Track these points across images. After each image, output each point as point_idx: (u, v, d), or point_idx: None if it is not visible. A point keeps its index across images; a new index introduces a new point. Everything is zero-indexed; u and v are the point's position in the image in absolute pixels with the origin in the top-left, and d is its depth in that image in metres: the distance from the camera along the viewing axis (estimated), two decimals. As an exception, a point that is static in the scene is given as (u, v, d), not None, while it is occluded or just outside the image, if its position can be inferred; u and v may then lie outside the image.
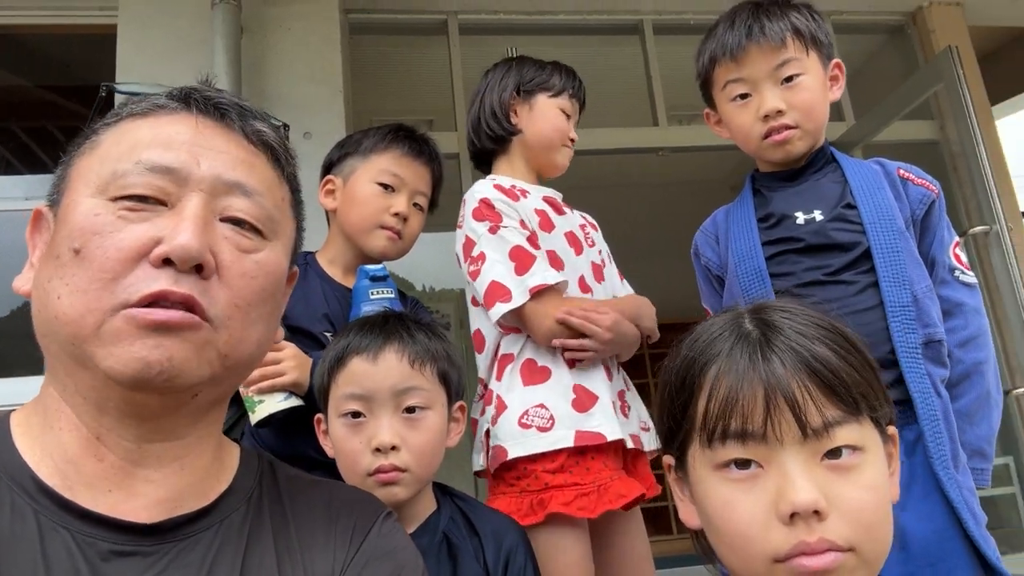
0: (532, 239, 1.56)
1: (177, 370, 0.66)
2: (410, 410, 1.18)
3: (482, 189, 1.63)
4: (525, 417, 1.48)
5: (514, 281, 1.50)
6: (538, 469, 1.45)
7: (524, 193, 1.66)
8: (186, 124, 0.73)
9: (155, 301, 0.66)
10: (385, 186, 1.65)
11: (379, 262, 1.62)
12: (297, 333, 1.48)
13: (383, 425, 1.15)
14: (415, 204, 1.69)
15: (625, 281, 1.80)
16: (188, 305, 0.67)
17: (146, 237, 0.67)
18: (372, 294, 1.50)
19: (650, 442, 1.61)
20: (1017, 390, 3.00)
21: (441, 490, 1.29)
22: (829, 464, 0.69)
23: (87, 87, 4.15)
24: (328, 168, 1.73)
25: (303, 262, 1.65)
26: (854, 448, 0.70)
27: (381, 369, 1.17)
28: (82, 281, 0.66)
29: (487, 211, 1.58)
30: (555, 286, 1.52)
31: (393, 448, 1.14)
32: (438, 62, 3.87)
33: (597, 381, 1.53)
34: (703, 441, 0.74)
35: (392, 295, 1.53)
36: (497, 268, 1.52)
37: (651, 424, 1.63)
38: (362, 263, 1.60)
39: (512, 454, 1.46)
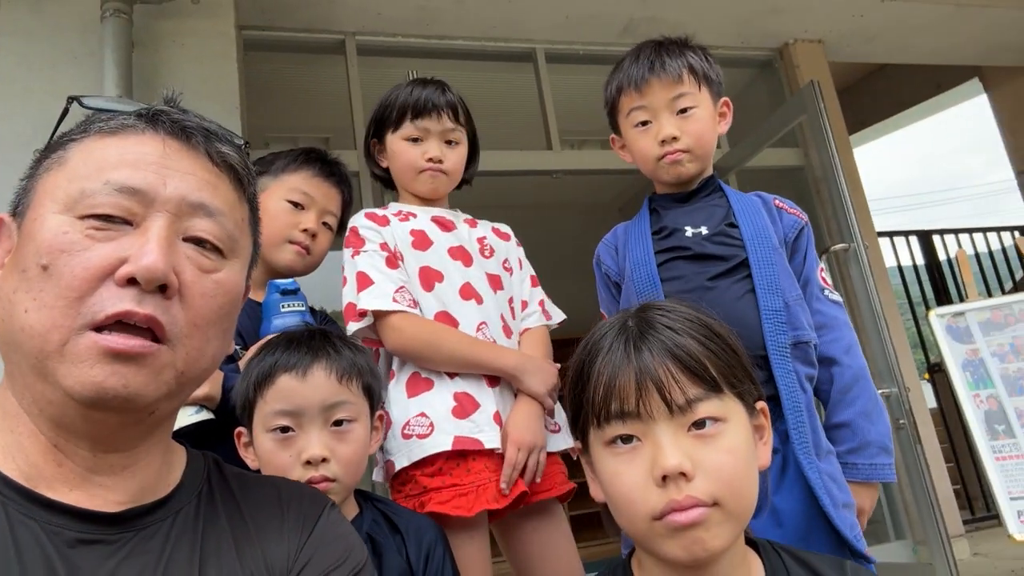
0: (391, 260, 1.66)
1: (133, 394, 0.69)
2: (338, 423, 1.22)
3: (355, 219, 1.74)
4: (407, 427, 1.55)
5: (358, 301, 1.62)
6: (418, 474, 1.53)
7: (409, 216, 1.74)
8: (153, 145, 0.75)
9: (118, 320, 0.68)
10: (295, 204, 1.70)
11: (288, 278, 1.63)
12: None
13: (313, 439, 1.19)
14: (324, 223, 1.74)
15: (539, 288, 1.87)
16: (150, 325, 0.69)
17: (113, 257, 0.69)
18: (283, 307, 1.52)
19: (560, 442, 1.67)
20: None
21: (362, 496, 1.34)
22: (695, 434, 0.82)
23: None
24: None
25: None
26: (715, 419, 0.83)
27: (310, 385, 1.20)
28: (49, 297, 0.68)
29: (353, 238, 1.70)
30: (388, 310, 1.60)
31: (323, 460, 1.18)
32: (336, 81, 3.88)
33: (480, 389, 1.60)
34: (595, 423, 0.86)
35: (303, 308, 1.55)
36: (351, 290, 1.64)
37: (563, 424, 1.69)
38: (271, 279, 1.62)
39: (398, 465, 1.54)
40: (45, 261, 0.69)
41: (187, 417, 1.35)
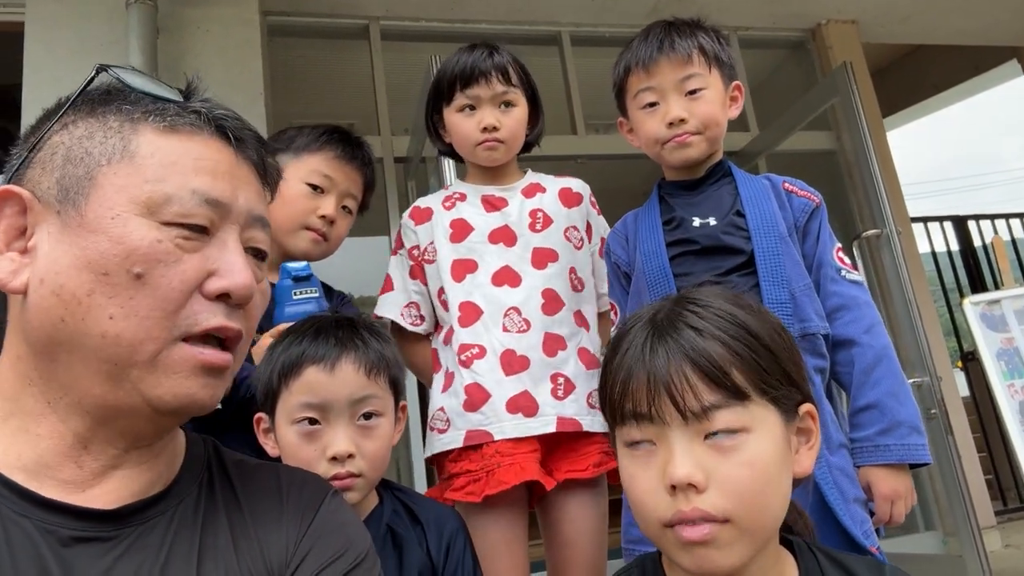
0: (415, 269, 1.74)
1: (214, 403, 0.73)
2: (365, 416, 1.20)
3: (405, 213, 1.80)
4: (432, 421, 1.64)
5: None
6: (445, 460, 1.62)
7: (457, 201, 1.75)
8: (223, 153, 0.76)
9: (206, 334, 0.71)
10: (314, 187, 1.63)
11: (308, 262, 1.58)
12: None
13: (339, 434, 1.17)
14: (344, 207, 1.68)
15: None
16: (235, 338, 0.74)
17: (202, 270, 0.71)
18: (295, 294, 1.47)
19: (599, 424, 1.63)
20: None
21: (383, 484, 1.31)
22: (712, 443, 0.77)
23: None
24: None
25: None
26: (735, 430, 0.77)
27: (338, 380, 1.17)
28: (143, 307, 0.68)
29: (397, 237, 1.81)
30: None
31: (349, 456, 1.16)
32: (360, 66, 3.87)
33: (491, 379, 1.59)
34: (614, 421, 0.84)
35: (317, 294, 1.50)
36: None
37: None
38: (278, 261, 1.56)
39: (425, 454, 1.67)
40: (140, 270, 0.68)
41: None
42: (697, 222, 1.52)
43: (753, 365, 0.80)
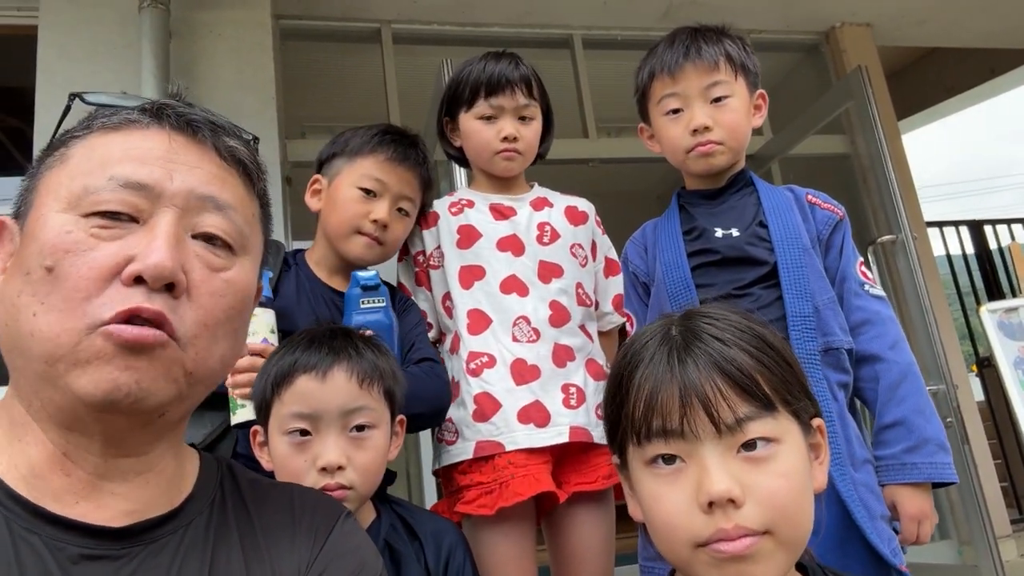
0: (421, 275, 1.73)
1: (145, 392, 0.67)
2: (357, 428, 1.17)
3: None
4: (440, 432, 1.61)
5: None
6: (454, 473, 1.57)
7: (465, 207, 1.73)
8: (159, 139, 0.73)
9: (128, 319, 0.66)
10: (367, 191, 1.60)
11: (367, 266, 1.60)
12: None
13: (329, 445, 1.14)
14: (400, 209, 1.64)
15: (619, 277, 1.79)
16: (158, 322, 0.68)
17: (120, 256, 0.68)
18: (363, 303, 1.47)
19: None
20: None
21: (380, 498, 1.30)
22: (745, 456, 0.75)
23: (1, 90, 4.00)
24: (320, 166, 1.69)
25: (292, 261, 1.65)
26: (768, 440, 0.76)
27: (329, 389, 1.15)
28: (56, 300, 0.66)
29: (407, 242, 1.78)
30: None
31: (339, 468, 1.14)
32: (371, 70, 3.87)
33: (501, 388, 1.57)
34: (634, 440, 0.80)
35: (383, 304, 1.50)
36: None
37: None
38: (348, 266, 1.59)
39: (434, 466, 1.63)
40: (49, 262, 0.67)
41: (253, 412, 1.30)
42: (719, 233, 1.50)
43: (777, 375, 0.79)
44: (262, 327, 1.37)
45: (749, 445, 0.76)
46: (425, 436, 3.31)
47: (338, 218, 1.60)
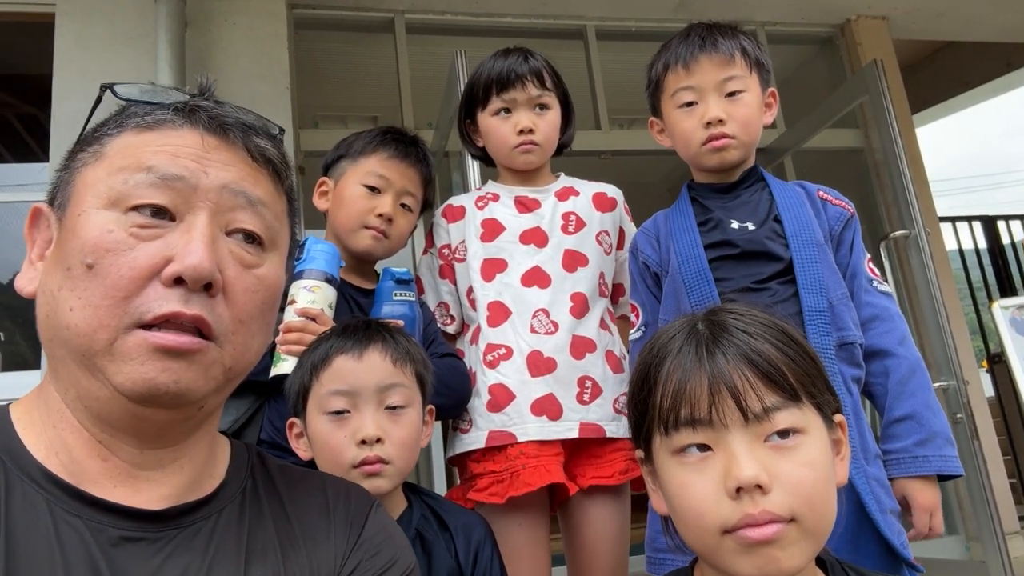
0: (445, 268, 1.77)
1: (184, 390, 0.70)
2: (392, 407, 1.23)
3: (437, 212, 1.81)
4: (455, 420, 1.65)
5: None
6: (467, 461, 1.61)
7: (490, 201, 1.76)
8: (192, 139, 0.75)
9: (166, 321, 0.69)
10: (371, 188, 1.68)
11: (367, 262, 1.70)
12: None
13: (367, 419, 1.20)
14: (403, 205, 1.71)
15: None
16: (197, 325, 0.70)
17: (159, 256, 0.70)
18: (395, 295, 1.56)
19: (620, 430, 1.63)
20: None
21: (411, 489, 1.34)
22: (772, 444, 0.77)
23: (17, 76, 4.03)
24: (326, 170, 1.77)
25: None
26: (794, 430, 0.78)
27: (366, 366, 1.22)
28: (95, 296, 0.68)
29: (428, 235, 1.84)
30: None
31: (378, 441, 1.19)
32: (384, 60, 3.87)
33: (516, 380, 1.60)
34: (662, 430, 0.82)
35: (413, 298, 1.59)
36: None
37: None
38: (358, 262, 1.69)
39: (448, 454, 1.67)
40: (91, 260, 0.69)
41: (288, 365, 1.35)
42: (735, 224, 1.50)
43: (802, 367, 0.81)
44: (322, 300, 1.44)
45: (777, 434, 0.77)
46: (435, 426, 3.33)
47: (346, 214, 1.67)
